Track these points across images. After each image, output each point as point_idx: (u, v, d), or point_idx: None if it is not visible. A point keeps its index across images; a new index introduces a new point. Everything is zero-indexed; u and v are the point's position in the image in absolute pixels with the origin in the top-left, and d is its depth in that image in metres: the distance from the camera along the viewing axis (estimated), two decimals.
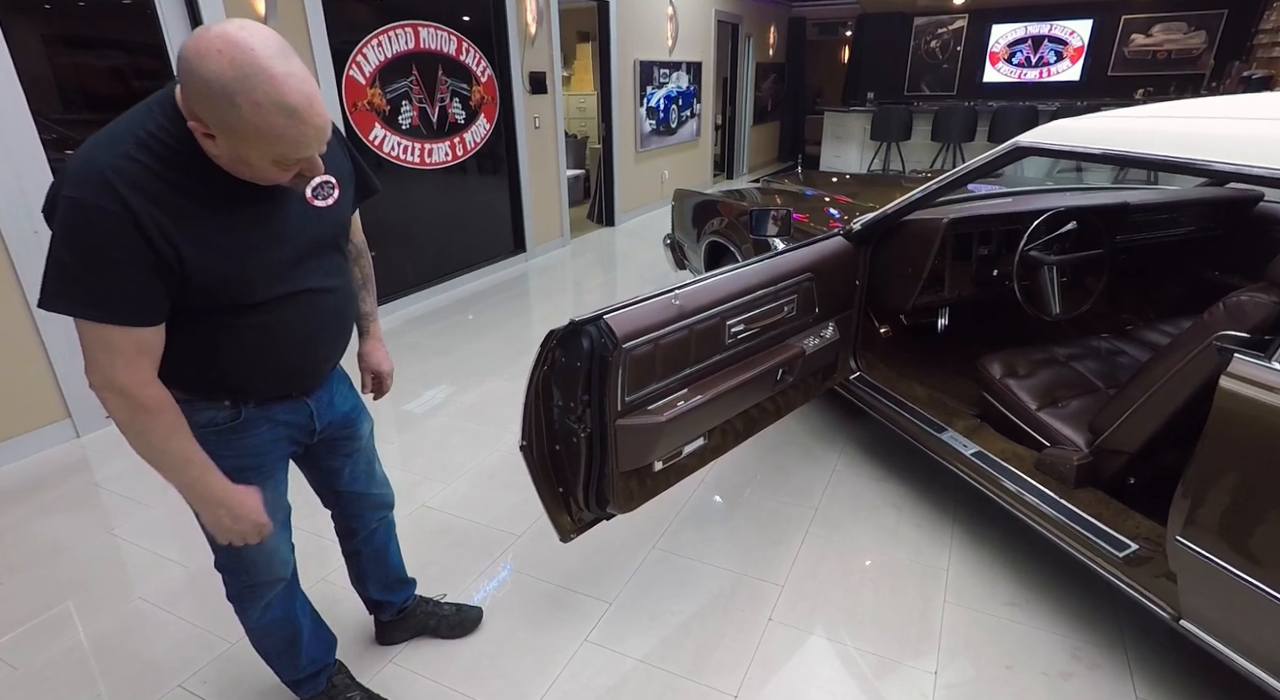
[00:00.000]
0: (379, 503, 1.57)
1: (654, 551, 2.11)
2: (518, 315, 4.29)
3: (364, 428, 1.46)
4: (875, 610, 1.86)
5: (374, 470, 1.54)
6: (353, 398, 1.42)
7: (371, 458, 1.53)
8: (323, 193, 1.15)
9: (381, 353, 1.51)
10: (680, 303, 1.66)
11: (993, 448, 1.97)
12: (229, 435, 1.15)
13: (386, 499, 1.60)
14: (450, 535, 2.20)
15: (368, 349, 1.49)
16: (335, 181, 1.18)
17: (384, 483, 1.59)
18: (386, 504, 1.60)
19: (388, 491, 1.60)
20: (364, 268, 1.44)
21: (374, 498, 1.55)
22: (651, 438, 1.62)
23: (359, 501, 1.53)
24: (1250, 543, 1.24)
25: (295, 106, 0.91)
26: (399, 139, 4.14)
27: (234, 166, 0.97)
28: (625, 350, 1.54)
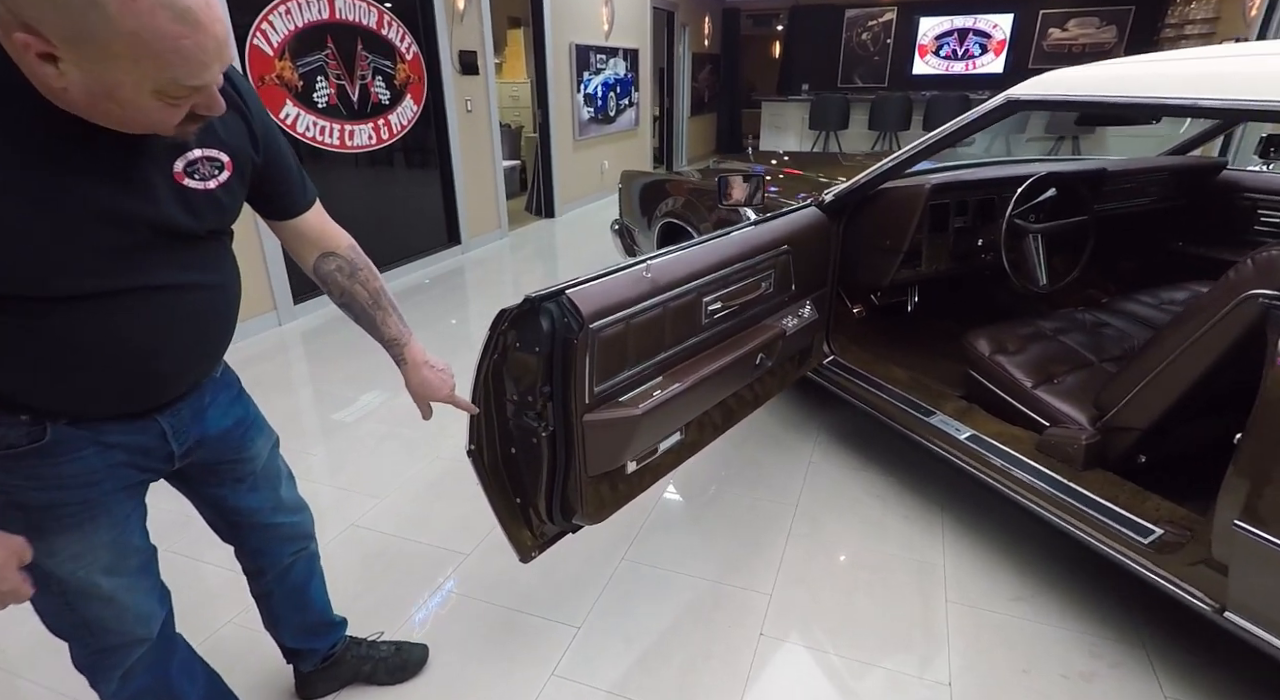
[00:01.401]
0: (293, 533, 1.28)
1: (623, 564, 1.87)
2: (454, 309, 3.97)
3: (259, 446, 1.16)
4: (874, 616, 1.67)
5: (281, 495, 1.24)
6: (239, 410, 1.12)
7: (277, 480, 1.23)
8: (202, 171, 0.86)
9: (433, 378, 1.19)
10: (652, 276, 1.43)
11: (987, 430, 1.82)
12: (32, 460, 0.84)
13: (302, 528, 1.30)
14: (385, 559, 1.90)
15: (414, 381, 1.19)
16: (228, 162, 0.89)
17: (298, 508, 1.29)
18: (303, 534, 1.31)
19: (304, 518, 1.30)
20: (369, 283, 1.14)
21: (285, 528, 1.25)
22: (625, 434, 1.38)
23: (264, 534, 1.23)
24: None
25: (188, 6, 0.64)
26: (315, 118, 3.75)
27: (92, 104, 0.68)
28: (593, 331, 1.29)
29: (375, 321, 1.13)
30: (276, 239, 1.11)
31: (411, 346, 1.17)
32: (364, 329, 1.16)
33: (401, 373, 1.18)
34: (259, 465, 1.17)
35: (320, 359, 3.26)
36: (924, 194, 1.95)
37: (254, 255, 3.46)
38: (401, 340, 1.16)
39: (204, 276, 0.92)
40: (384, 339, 1.15)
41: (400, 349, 1.16)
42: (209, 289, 0.94)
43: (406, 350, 1.17)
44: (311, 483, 2.24)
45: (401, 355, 1.17)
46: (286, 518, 1.26)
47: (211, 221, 0.91)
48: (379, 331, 1.14)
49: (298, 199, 1.05)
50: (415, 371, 1.17)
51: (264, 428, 1.19)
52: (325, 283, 1.11)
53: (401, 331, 1.16)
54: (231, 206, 0.94)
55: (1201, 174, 2.41)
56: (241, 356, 3.27)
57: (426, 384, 1.18)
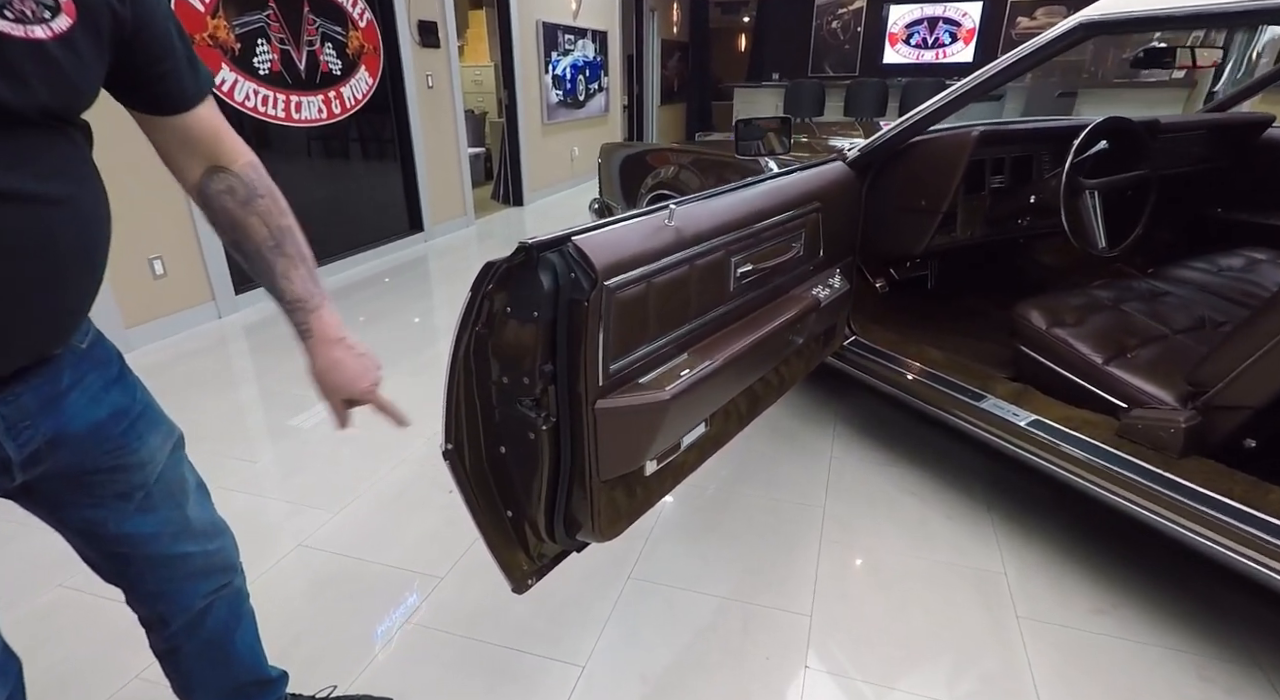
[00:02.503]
0: (207, 565, 0.94)
1: (630, 583, 1.56)
2: (418, 300, 3.60)
3: (151, 447, 0.83)
4: (936, 637, 1.40)
5: (189, 515, 0.90)
6: (119, 397, 0.79)
7: (182, 495, 0.89)
8: (22, 8, 0.54)
9: (349, 362, 0.86)
10: (677, 224, 1.13)
11: (1052, 415, 1.56)
12: None
13: (221, 558, 0.97)
14: (340, 587, 1.56)
15: (320, 363, 0.85)
16: (66, 2, 0.58)
17: (213, 532, 0.96)
18: (222, 565, 0.97)
19: (223, 545, 0.97)
20: (271, 217, 0.81)
21: (195, 560, 0.92)
22: (650, 425, 1.07)
23: (166, 570, 0.89)
24: None
25: None
26: (256, 86, 3.35)
27: None
28: (609, 291, 0.99)
29: (274, 270, 0.80)
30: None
31: (322, 315, 0.84)
32: (259, 281, 0.83)
33: (305, 350, 0.85)
34: (152, 474, 0.84)
35: (266, 355, 2.87)
36: (969, 144, 1.69)
37: (185, 234, 3.05)
38: (308, 302, 0.83)
39: (36, 184, 0.60)
40: (284, 296, 0.81)
41: (306, 315, 0.83)
42: (46, 205, 0.61)
43: (314, 318, 0.83)
44: (252, 496, 1.89)
45: (306, 325, 0.83)
46: (197, 545, 0.92)
47: (45, 95, 0.58)
48: (278, 285, 0.81)
49: (185, 85, 0.73)
50: (324, 350, 0.84)
51: (159, 422, 0.86)
52: (211, 209, 0.78)
53: (310, 291, 0.83)
54: (79, 77, 0.61)
55: (1245, 132, 2.21)
56: (175, 352, 2.87)
57: (339, 369, 0.85)
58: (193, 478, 0.94)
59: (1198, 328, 1.68)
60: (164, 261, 2.97)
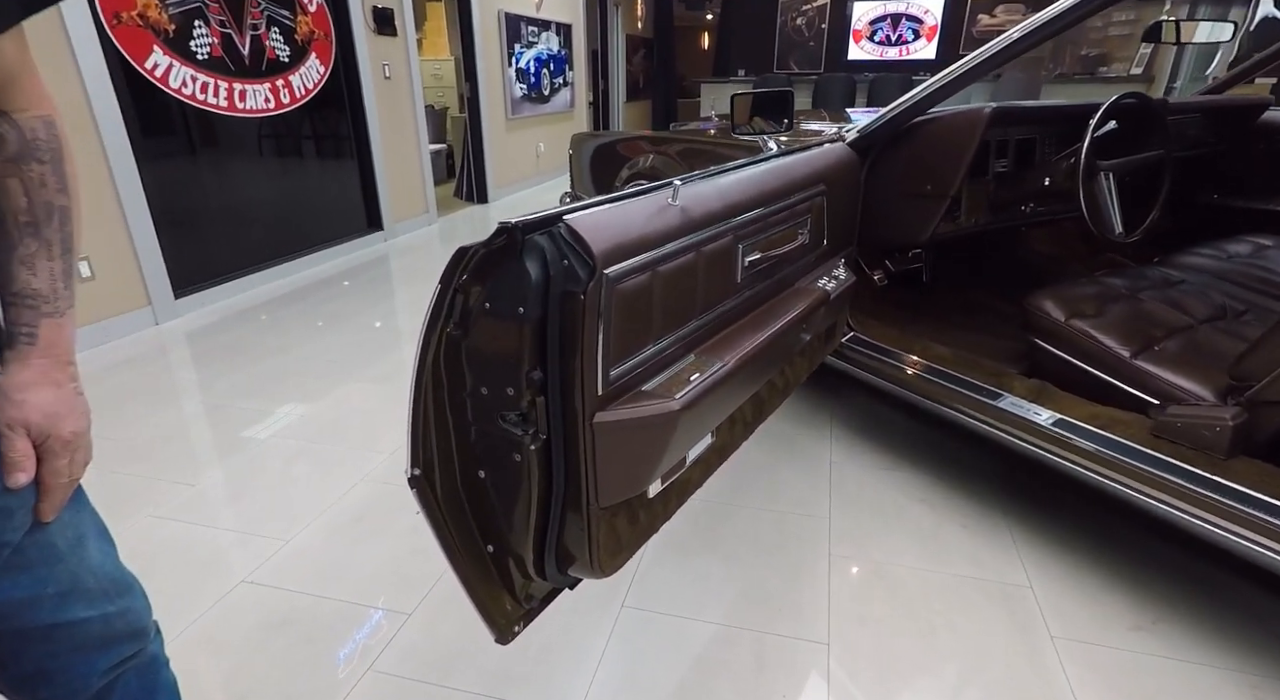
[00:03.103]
0: (106, 634, 0.74)
1: (625, 613, 1.39)
2: (378, 302, 3.37)
3: (19, 488, 0.63)
4: (970, 665, 1.26)
5: (79, 570, 0.71)
6: None
7: (70, 546, 0.70)
8: None
9: (61, 392, 0.64)
10: (681, 204, 0.96)
11: (1076, 413, 1.44)
12: None
13: (127, 622, 0.77)
14: (293, 629, 1.35)
15: (28, 375, 0.62)
16: None
17: (115, 590, 0.76)
18: (129, 631, 0.77)
19: (128, 605, 0.77)
20: (39, 189, 0.61)
21: (87, 627, 0.72)
22: (658, 439, 0.91)
23: (45, 644, 0.69)
24: None
25: None
26: (194, 72, 3.08)
27: None
28: (609, 281, 0.82)
29: (14, 250, 0.60)
30: (147, 214, 0.59)
31: (61, 326, 0.64)
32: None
33: (6, 361, 0.62)
34: (17, 524, 0.64)
35: (209, 365, 2.62)
36: (981, 122, 1.57)
37: (116, 232, 2.78)
38: (48, 304, 0.62)
39: None
40: (13, 286, 0.61)
41: (38, 317, 0.62)
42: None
43: (48, 326, 0.63)
44: (190, 525, 1.66)
45: (33, 330, 0.62)
46: (93, 609, 0.73)
47: None
48: (12, 270, 0.61)
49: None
50: (40, 366, 0.62)
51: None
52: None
53: (57, 292, 0.63)
54: None
55: (1242, 115, 2.15)
56: (104, 363, 2.60)
57: (43, 394, 0.62)
58: (90, 523, 0.74)
59: (1219, 317, 1.58)
60: (91, 263, 2.69)
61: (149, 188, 2.88)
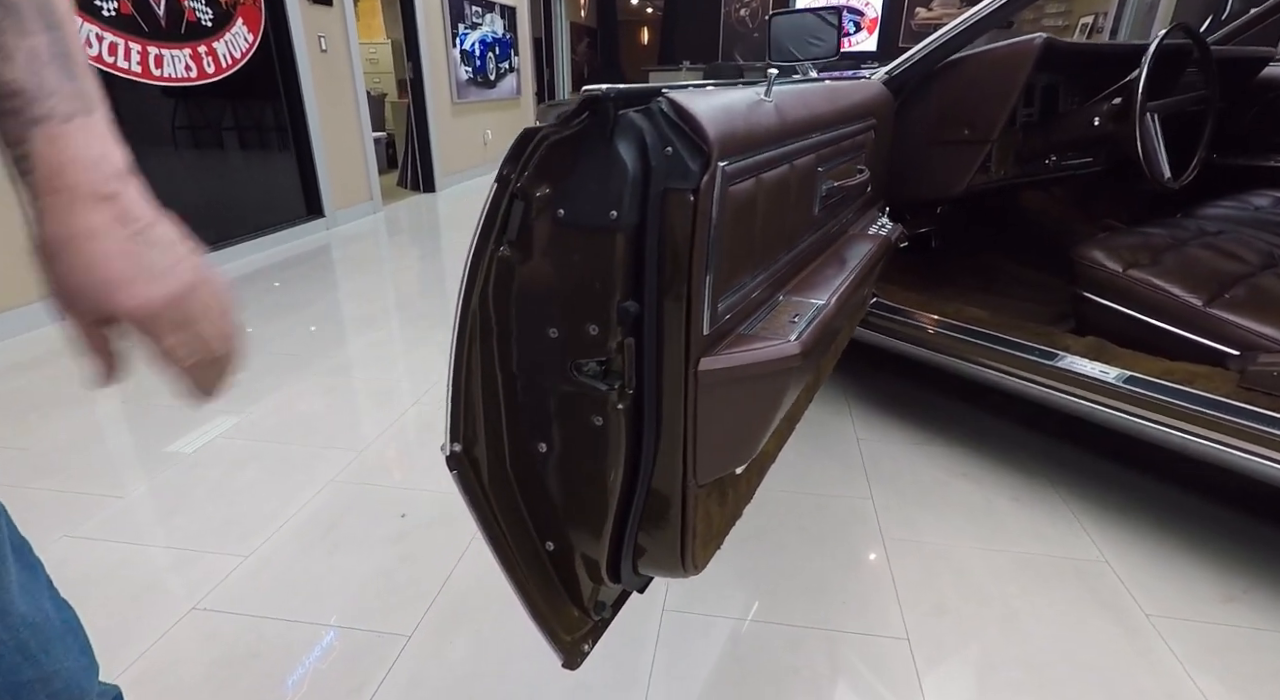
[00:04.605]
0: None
1: (669, 619, 1.19)
2: (326, 291, 3.05)
3: None
4: (1067, 653, 1.11)
5: None
6: None
7: None
8: None
9: (108, 241, 0.36)
10: (776, 105, 0.77)
11: (1147, 369, 1.32)
12: None
13: (64, 683, 0.52)
14: (258, 665, 1.09)
15: (52, 230, 0.35)
16: None
17: (37, 642, 0.51)
18: (73, 691, 0.53)
19: (54, 670, 0.53)
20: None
21: None
22: (773, 392, 0.71)
23: None
24: None
25: None
26: (99, 30, 2.69)
27: None
28: (726, 177, 0.62)
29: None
30: None
31: (67, 134, 0.36)
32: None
33: (30, 211, 0.37)
34: None
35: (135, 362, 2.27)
36: (1032, 54, 1.43)
37: (7, 211, 2.38)
38: (36, 103, 0.35)
39: None
40: None
41: (24, 127, 0.35)
42: None
43: (40, 136, 0.36)
44: (121, 544, 1.36)
45: (24, 147, 0.36)
46: (14, 670, 0.48)
47: None
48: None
49: None
50: (61, 209, 0.36)
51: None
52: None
53: (40, 83, 0.36)
54: None
55: (1243, 70, 2.11)
56: (2, 363, 2.21)
57: (83, 253, 0.36)
58: (4, 534, 0.50)
59: (1273, 264, 1.50)
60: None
61: None
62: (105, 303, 0.37)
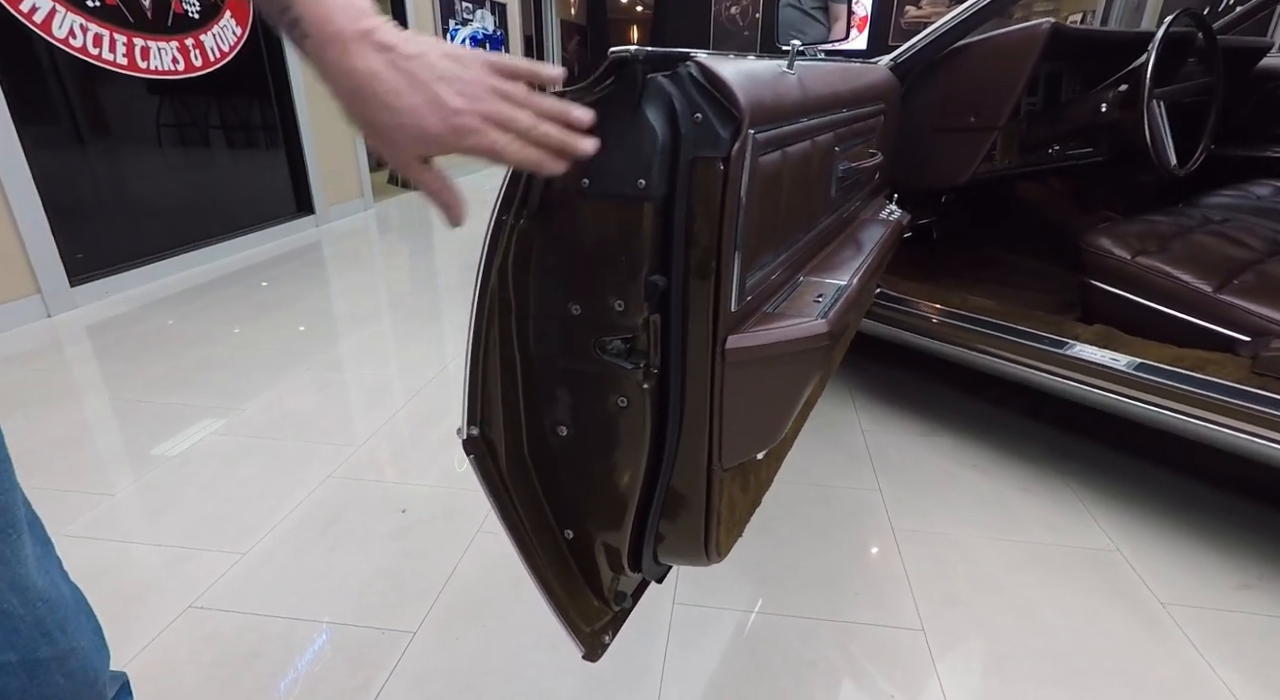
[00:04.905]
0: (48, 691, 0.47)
1: (680, 612, 1.16)
2: (316, 288, 3.00)
3: None
4: (1086, 644, 1.10)
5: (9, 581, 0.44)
6: None
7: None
8: None
9: (390, 77, 0.41)
10: (799, 78, 0.75)
11: (1157, 356, 1.31)
12: None
13: (66, 675, 0.50)
14: (260, 664, 1.06)
15: (341, 83, 0.41)
16: None
17: (53, 620, 0.49)
18: (71, 692, 0.50)
19: (70, 648, 0.50)
20: None
21: (10, 680, 0.45)
22: (801, 372, 0.69)
23: None
24: None
25: None
26: (84, 20, 2.63)
27: None
28: (756, 145, 0.59)
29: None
30: (32, 186, 0.31)
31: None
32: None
33: (318, 70, 0.42)
34: None
35: (120, 359, 2.22)
36: (1040, 39, 1.42)
37: None
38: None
39: None
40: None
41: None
42: None
43: (299, 4, 0.40)
44: (111, 542, 1.32)
45: (293, 14, 0.40)
46: (10, 651, 0.45)
47: None
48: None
49: None
50: (337, 58, 0.40)
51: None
52: None
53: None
54: None
55: (1242, 60, 2.11)
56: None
57: (374, 96, 0.41)
58: (23, 507, 0.48)
59: (1279, 251, 1.50)
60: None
61: (33, 156, 2.43)
62: (411, 138, 0.41)
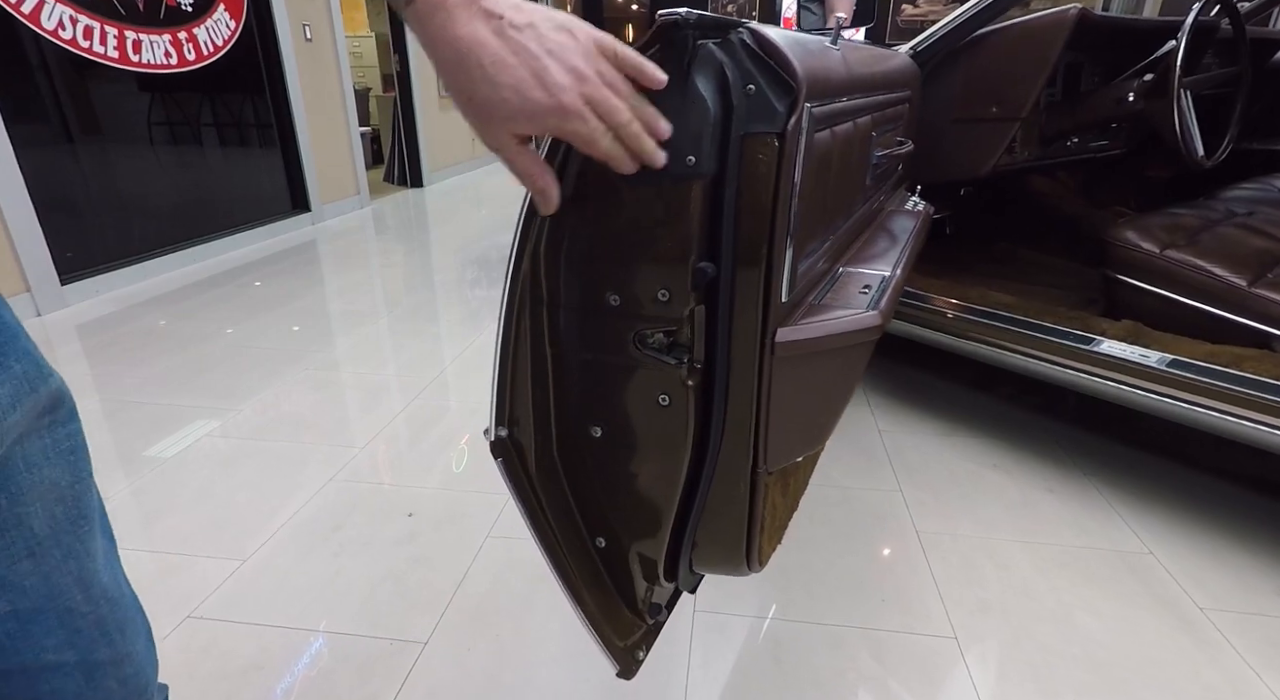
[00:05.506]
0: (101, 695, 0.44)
1: (700, 620, 1.12)
2: (313, 286, 2.94)
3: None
4: (1126, 651, 1.06)
5: (63, 580, 0.41)
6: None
7: (54, 525, 0.40)
8: None
9: (495, 47, 0.39)
10: (843, 55, 0.70)
11: (1190, 352, 1.27)
12: None
13: (119, 681, 0.47)
14: (261, 678, 1.00)
15: (441, 53, 0.39)
16: None
17: (114, 622, 0.46)
18: (135, 689, 0.46)
19: (125, 653, 0.47)
20: None
21: (45, 682, 0.42)
22: (852, 367, 0.65)
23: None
24: None
25: None
26: (72, 12, 2.57)
27: None
28: (813, 120, 0.55)
29: None
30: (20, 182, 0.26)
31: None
32: None
33: (422, 39, 0.40)
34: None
35: (112, 358, 2.16)
36: (1067, 26, 1.37)
37: None
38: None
39: None
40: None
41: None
42: None
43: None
44: None
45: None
46: (71, 651, 0.43)
47: None
48: None
49: None
50: (441, 26, 0.38)
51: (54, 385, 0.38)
52: None
53: None
54: None
55: (1260, 51, 2.07)
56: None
57: (476, 67, 0.39)
58: (96, 503, 0.44)
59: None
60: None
61: (22, 151, 2.37)
62: (512, 112, 0.39)
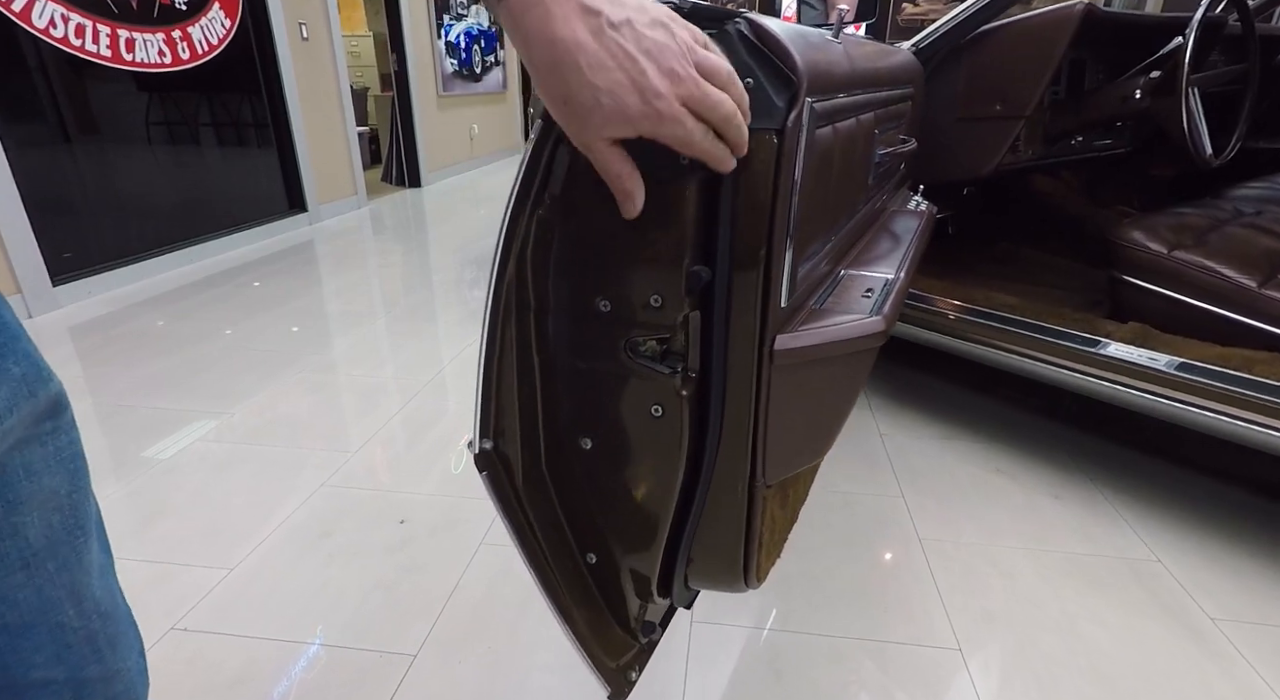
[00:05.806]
0: None
1: (699, 632, 1.09)
2: (310, 286, 2.91)
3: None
4: (1135, 663, 1.03)
5: (55, 592, 0.38)
6: None
7: (50, 535, 0.37)
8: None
9: (594, 49, 0.36)
10: (845, 48, 0.67)
11: (1199, 355, 1.24)
12: None
13: (125, 686, 0.43)
14: (247, 691, 0.98)
15: (537, 55, 0.37)
16: None
17: (105, 637, 0.43)
18: (129, 697, 0.44)
19: (115, 670, 0.44)
20: None
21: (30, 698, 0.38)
22: (854, 376, 0.62)
23: None
24: None
25: None
26: (64, 10, 2.54)
27: None
28: (814, 116, 0.52)
29: None
30: (11, 182, 0.24)
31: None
32: None
33: (515, 37, 0.38)
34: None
35: (103, 361, 2.13)
36: (1073, 22, 1.35)
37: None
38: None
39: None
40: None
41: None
42: None
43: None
44: None
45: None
46: (59, 667, 0.41)
47: None
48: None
49: None
50: (534, 25, 0.36)
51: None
52: None
53: None
54: None
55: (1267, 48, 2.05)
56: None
57: (573, 70, 0.37)
58: (94, 512, 0.42)
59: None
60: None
61: (13, 151, 2.34)
62: (609, 117, 0.38)
